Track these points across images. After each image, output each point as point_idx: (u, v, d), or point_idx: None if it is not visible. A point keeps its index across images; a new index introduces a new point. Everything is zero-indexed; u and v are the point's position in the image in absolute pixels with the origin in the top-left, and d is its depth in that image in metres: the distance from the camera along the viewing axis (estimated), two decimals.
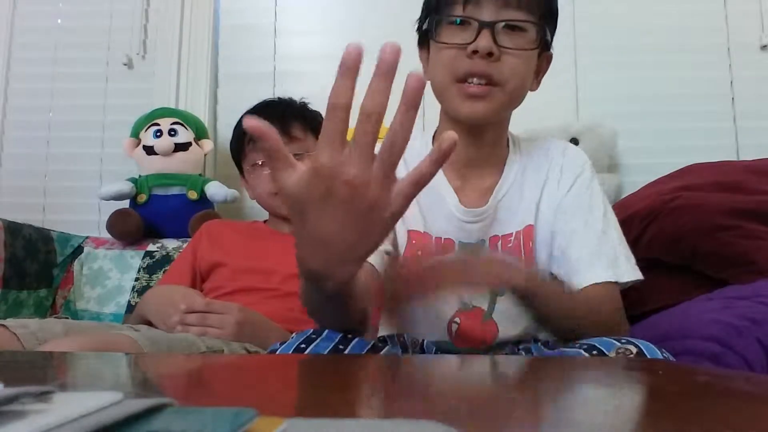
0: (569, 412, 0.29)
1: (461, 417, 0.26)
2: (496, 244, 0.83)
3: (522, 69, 0.78)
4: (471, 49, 0.75)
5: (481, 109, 0.77)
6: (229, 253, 1.25)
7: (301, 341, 0.63)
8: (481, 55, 0.74)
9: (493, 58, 0.75)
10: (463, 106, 0.78)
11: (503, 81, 0.76)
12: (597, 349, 0.62)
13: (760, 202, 1.05)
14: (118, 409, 0.20)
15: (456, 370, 0.48)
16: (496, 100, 0.77)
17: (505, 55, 0.76)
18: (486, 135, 0.84)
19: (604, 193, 0.86)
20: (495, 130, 0.85)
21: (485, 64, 0.75)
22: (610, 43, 1.68)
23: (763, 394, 0.34)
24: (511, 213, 0.84)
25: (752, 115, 1.63)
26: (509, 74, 0.76)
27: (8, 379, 0.22)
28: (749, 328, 0.73)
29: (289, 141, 1.26)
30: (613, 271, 0.78)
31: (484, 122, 0.81)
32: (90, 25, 1.85)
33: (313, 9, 1.80)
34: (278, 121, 1.29)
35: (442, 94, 0.81)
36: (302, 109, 1.35)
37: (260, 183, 1.30)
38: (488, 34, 0.74)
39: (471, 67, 0.76)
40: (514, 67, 0.76)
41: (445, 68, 0.78)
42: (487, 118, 0.80)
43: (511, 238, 0.84)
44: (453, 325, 0.83)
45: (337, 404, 0.30)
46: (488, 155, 0.86)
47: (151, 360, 0.61)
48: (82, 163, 1.81)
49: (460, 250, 0.82)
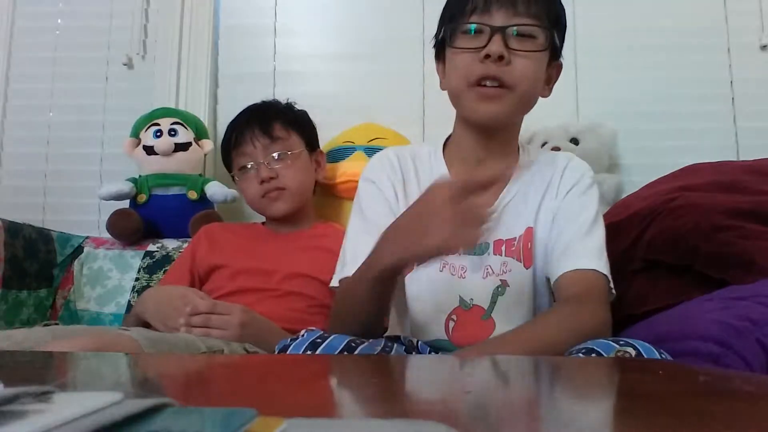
0: (569, 412, 0.29)
1: (461, 417, 0.26)
2: (500, 248, 0.86)
3: (532, 72, 0.82)
4: (484, 53, 0.80)
5: (495, 110, 0.82)
6: (229, 255, 1.25)
7: (315, 337, 0.67)
8: (493, 59, 0.79)
9: (504, 62, 0.79)
10: (479, 107, 0.83)
11: (514, 83, 0.81)
12: (596, 352, 0.63)
13: (760, 202, 1.05)
14: (118, 409, 0.20)
15: (456, 370, 0.48)
16: (509, 102, 0.82)
17: (515, 58, 0.80)
18: (496, 137, 0.88)
19: (599, 204, 0.89)
20: (506, 135, 0.90)
21: (497, 68, 0.80)
22: (610, 43, 1.68)
23: (763, 394, 0.34)
24: (515, 218, 0.88)
25: (752, 115, 1.63)
26: (520, 77, 0.81)
27: (8, 379, 0.22)
28: (749, 328, 0.73)
29: (271, 141, 1.27)
30: (596, 263, 0.81)
31: (497, 123, 0.85)
32: (90, 25, 1.85)
33: (313, 9, 1.80)
34: (259, 123, 1.29)
35: (458, 99, 0.86)
36: (284, 108, 1.36)
37: (249, 186, 1.30)
38: (499, 39, 0.79)
39: (484, 70, 0.80)
40: (524, 71, 0.81)
41: (460, 73, 0.83)
42: (501, 119, 0.84)
43: (514, 242, 0.87)
44: (450, 322, 0.85)
45: (337, 404, 0.30)
46: (498, 159, 0.90)
47: (151, 360, 0.61)
48: (82, 163, 1.81)
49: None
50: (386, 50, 1.73)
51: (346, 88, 1.74)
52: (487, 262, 0.86)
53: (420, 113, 1.67)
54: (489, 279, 0.85)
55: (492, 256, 0.86)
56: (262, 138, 1.27)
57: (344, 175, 1.48)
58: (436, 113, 1.63)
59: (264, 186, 1.26)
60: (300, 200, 1.31)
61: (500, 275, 0.85)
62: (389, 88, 1.71)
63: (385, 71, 1.72)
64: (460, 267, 0.86)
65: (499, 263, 0.86)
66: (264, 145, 1.27)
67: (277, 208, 1.28)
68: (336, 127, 1.58)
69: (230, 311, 1.02)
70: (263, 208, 1.32)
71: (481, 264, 0.86)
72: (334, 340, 0.66)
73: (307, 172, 1.35)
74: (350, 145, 1.54)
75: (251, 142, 1.27)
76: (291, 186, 1.28)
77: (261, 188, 1.27)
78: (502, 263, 0.86)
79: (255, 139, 1.27)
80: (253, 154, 1.28)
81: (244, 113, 1.34)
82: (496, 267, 0.86)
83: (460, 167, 0.91)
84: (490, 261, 0.86)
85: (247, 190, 1.31)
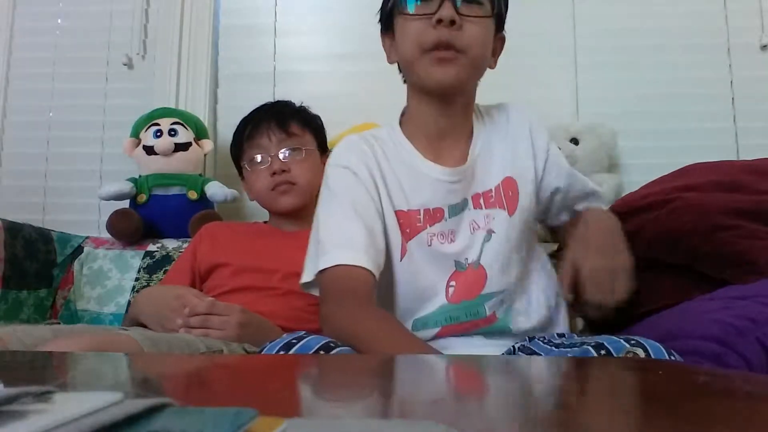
0: (569, 412, 0.29)
1: (461, 417, 0.26)
2: (479, 201, 0.91)
3: (481, 37, 0.85)
4: (435, 18, 0.82)
5: (451, 73, 0.84)
6: (230, 253, 1.25)
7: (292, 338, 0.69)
8: (444, 24, 0.82)
9: (455, 27, 0.82)
10: (435, 72, 0.85)
11: (466, 47, 0.84)
12: (605, 349, 0.64)
13: (760, 202, 1.05)
14: (118, 409, 0.20)
15: (456, 370, 0.48)
16: (462, 65, 0.84)
17: (465, 23, 0.83)
18: (455, 105, 0.91)
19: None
20: (463, 100, 0.92)
21: (449, 33, 0.82)
22: (610, 43, 1.68)
23: (763, 394, 0.34)
24: (486, 170, 0.92)
25: (752, 115, 1.63)
26: (471, 41, 0.83)
27: (8, 379, 0.22)
28: (749, 328, 0.74)
29: (287, 137, 1.28)
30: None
31: (453, 88, 0.88)
32: (90, 25, 1.85)
33: (313, 9, 1.80)
34: (276, 118, 1.29)
35: (412, 66, 0.88)
36: (300, 109, 1.37)
37: (259, 179, 1.30)
38: (449, 4, 0.82)
39: (437, 36, 0.82)
40: (475, 35, 0.84)
41: (413, 40, 0.85)
42: (456, 82, 0.86)
43: (491, 193, 0.91)
44: (450, 288, 0.88)
45: (337, 404, 0.30)
46: (459, 125, 0.93)
47: (151, 360, 0.61)
48: (82, 163, 1.81)
49: (450, 212, 0.90)
50: None
51: (346, 88, 1.74)
52: (471, 217, 0.89)
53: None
54: (477, 233, 0.89)
55: (473, 211, 0.89)
56: (278, 132, 1.28)
57: None
58: None
59: (275, 178, 1.27)
60: (307, 198, 1.32)
61: (486, 227, 0.89)
62: (389, 88, 1.70)
63: (385, 71, 1.71)
64: (448, 232, 0.88)
65: (482, 216, 0.89)
66: (279, 139, 1.28)
67: (286, 201, 1.29)
68: (336, 127, 1.58)
69: (229, 312, 1.02)
70: (271, 202, 1.31)
71: (465, 220, 0.89)
72: (310, 340, 0.68)
73: (317, 171, 1.35)
74: None
75: (267, 134, 1.28)
76: (301, 182, 1.28)
77: (271, 180, 1.27)
78: (485, 216, 0.89)
79: (271, 133, 1.28)
80: (267, 146, 1.28)
81: (260, 108, 1.35)
82: (480, 221, 0.89)
83: (422, 140, 0.93)
84: (473, 216, 0.89)
85: (255, 183, 1.31)
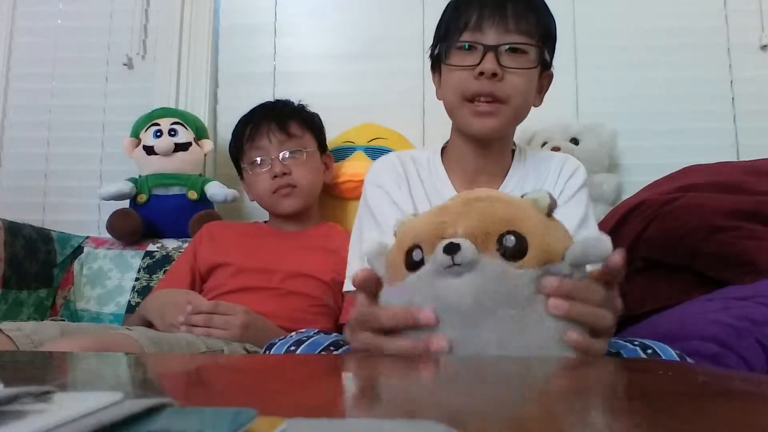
0: (568, 412, 0.29)
1: (461, 417, 0.26)
2: None
3: (524, 87, 0.85)
4: (477, 70, 0.83)
5: (490, 125, 0.86)
6: (230, 254, 1.25)
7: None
8: (486, 76, 0.83)
9: (497, 78, 0.83)
10: (474, 123, 0.86)
11: (507, 98, 0.84)
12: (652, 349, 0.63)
13: (760, 203, 1.05)
14: (118, 409, 0.19)
15: (456, 370, 0.48)
16: (503, 116, 0.85)
17: (508, 74, 0.83)
18: (492, 146, 0.92)
19: (589, 202, 0.91)
20: (500, 142, 0.93)
21: (490, 84, 0.83)
22: (610, 43, 1.68)
23: (763, 394, 0.34)
24: None
25: (752, 115, 1.63)
26: (512, 92, 0.84)
27: (8, 379, 0.22)
28: (749, 328, 0.74)
29: (287, 138, 1.28)
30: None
31: (492, 137, 0.89)
32: (90, 25, 1.85)
33: (313, 9, 1.80)
34: (276, 119, 1.29)
35: (454, 113, 0.89)
36: (300, 108, 1.37)
37: (259, 181, 1.30)
38: (492, 56, 0.83)
39: (478, 87, 0.84)
40: (516, 86, 0.84)
41: (455, 89, 0.87)
42: (495, 133, 0.88)
43: None
44: None
45: (337, 404, 0.30)
46: (494, 164, 0.94)
47: (151, 360, 0.61)
48: (82, 163, 1.81)
49: None
50: (386, 50, 1.73)
51: (346, 88, 1.74)
52: None
53: (420, 113, 1.67)
54: None
55: None
56: (278, 134, 1.28)
57: (344, 176, 1.48)
58: (436, 113, 1.63)
59: (276, 181, 1.27)
60: (309, 199, 1.32)
61: None
62: (389, 88, 1.71)
63: (385, 71, 1.72)
64: None
65: None
66: (280, 141, 1.28)
67: (288, 204, 1.29)
68: (336, 127, 1.58)
69: (233, 312, 1.03)
70: (273, 204, 1.32)
71: None
72: (320, 338, 0.68)
73: (318, 173, 1.35)
74: (350, 145, 1.54)
75: (267, 136, 1.28)
76: (302, 184, 1.29)
77: (273, 183, 1.27)
78: None
79: (272, 134, 1.28)
80: (267, 148, 1.29)
81: (259, 109, 1.35)
82: None
83: (458, 173, 0.94)
84: None
85: (256, 185, 1.31)
